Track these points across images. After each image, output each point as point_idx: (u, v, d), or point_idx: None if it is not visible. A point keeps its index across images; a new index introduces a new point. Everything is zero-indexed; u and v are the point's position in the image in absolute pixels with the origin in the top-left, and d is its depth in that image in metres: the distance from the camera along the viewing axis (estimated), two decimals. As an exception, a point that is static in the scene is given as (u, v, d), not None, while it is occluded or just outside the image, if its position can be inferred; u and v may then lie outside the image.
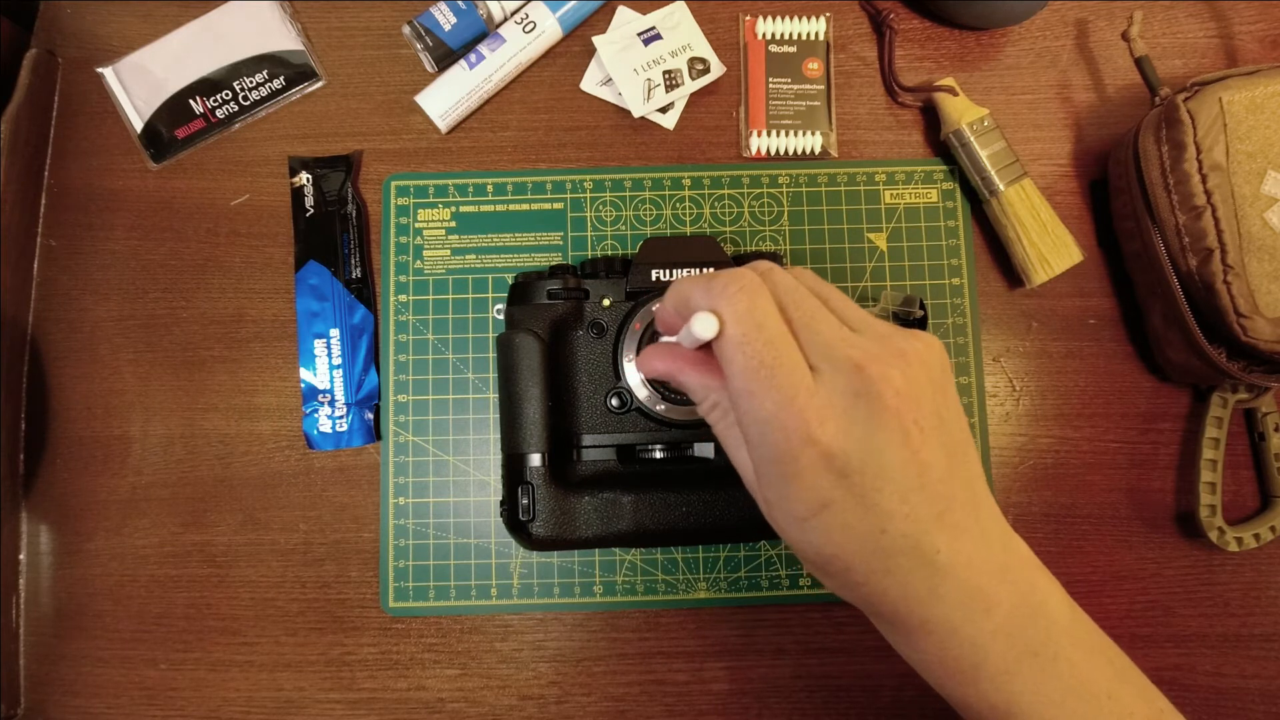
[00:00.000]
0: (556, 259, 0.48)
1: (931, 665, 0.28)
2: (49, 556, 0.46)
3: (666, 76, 0.48)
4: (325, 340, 0.47)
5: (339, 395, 0.46)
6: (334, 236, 0.47)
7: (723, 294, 0.25)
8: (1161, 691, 0.30)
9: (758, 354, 0.24)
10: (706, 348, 0.27)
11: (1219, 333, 0.42)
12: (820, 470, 0.24)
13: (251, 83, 0.49)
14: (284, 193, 0.49)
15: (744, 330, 0.25)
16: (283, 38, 0.50)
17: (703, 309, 0.26)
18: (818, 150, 0.49)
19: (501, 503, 0.42)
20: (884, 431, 0.24)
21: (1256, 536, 0.45)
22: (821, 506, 0.25)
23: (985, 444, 0.47)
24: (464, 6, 0.47)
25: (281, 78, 0.49)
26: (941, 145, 0.48)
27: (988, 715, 0.27)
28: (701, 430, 0.42)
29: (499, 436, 0.45)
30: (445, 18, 0.47)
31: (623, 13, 0.50)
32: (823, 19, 0.50)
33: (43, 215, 0.49)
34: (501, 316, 0.47)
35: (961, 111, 0.47)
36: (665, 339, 0.31)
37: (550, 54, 0.50)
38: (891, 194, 0.49)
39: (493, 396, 0.47)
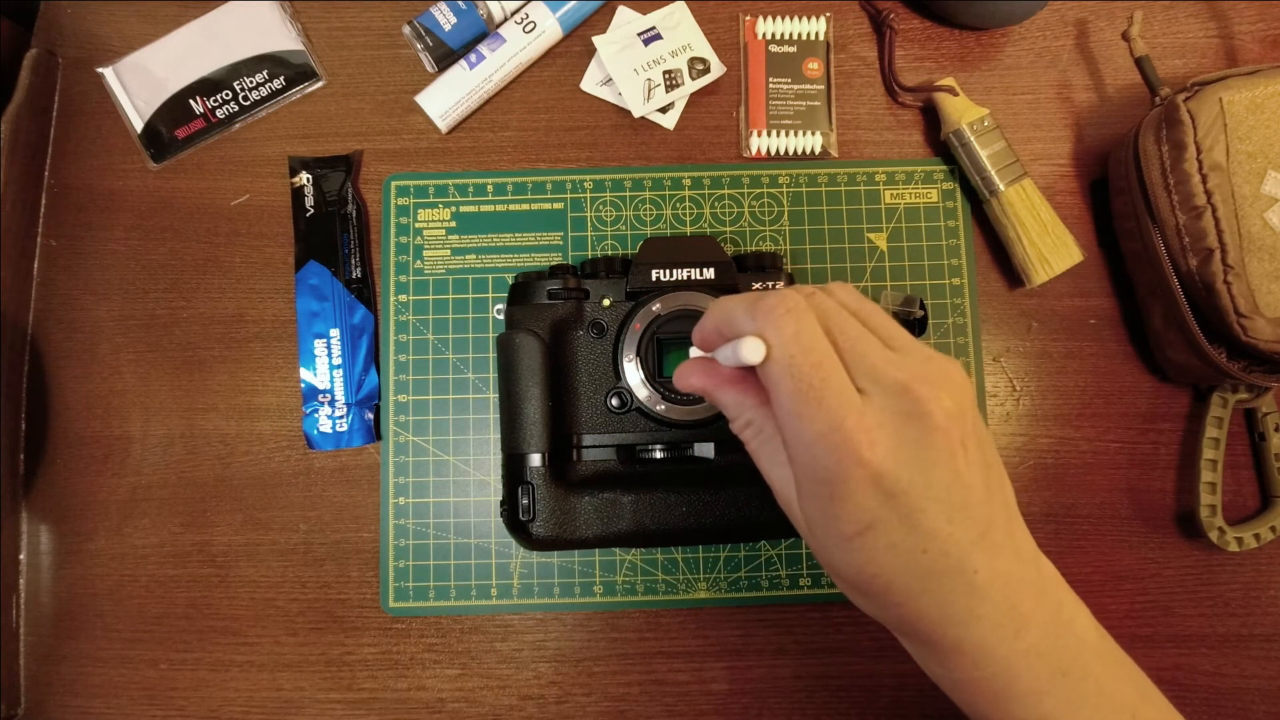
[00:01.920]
0: (556, 259, 0.48)
1: (963, 685, 0.28)
2: (49, 556, 0.46)
3: (666, 76, 0.48)
4: (325, 340, 0.47)
5: (339, 395, 0.46)
6: (334, 236, 0.47)
7: (768, 317, 0.25)
8: (1161, 692, 0.31)
9: (806, 377, 0.24)
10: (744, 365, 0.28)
11: (1219, 333, 0.42)
12: (869, 490, 0.24)
13: (251, 83, 0.49)
14: (284, 193, 0.49)
15: (791, 354, 0.25)
16: (283, 38, 0.50)
17: (748, 331, 0.26)
18: (818, 150, 0.49)
19: (502, 503, 0.42)
20: (933, 452, 0.25)
21: (1257, 536, 0.45)
22: (867, 526, 0.25)
23: (985, 444, 0.47)
24: (464, 6, 0.47)
25: (281, 78, 0.49)
26: (942, 145, 0.48)
27: None
28: (701, 430, 0.42)
29: (499, 436, 0.45)
30: (445, 18, 0.47)
31: (623, 13, 0.50)
32: (823, 19, 0.50)
33: (43, 215, 0.49)
34: (501, 316, 0.47)
35: (962, 111, 0.47)
36: (696, 353, 0.31)
37: (550, 54, 0.50)
38: (891, 194, 0.49)
39: (493, 396, 0.47)
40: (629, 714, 0.45)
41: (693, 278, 0.42)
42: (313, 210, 0.48)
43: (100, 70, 0.49)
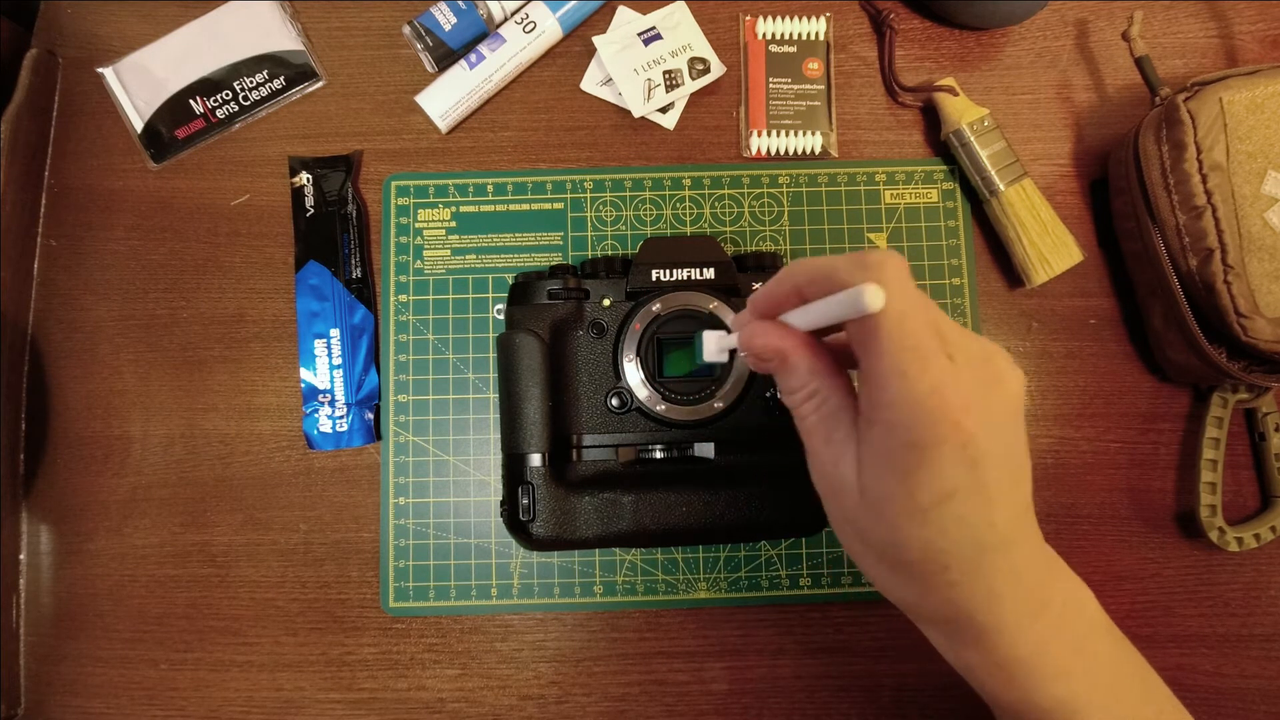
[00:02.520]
0: (557, 259, 0.48)
1: (989, 669, 0.28)
2: (49, 556, 0.46)
3: (666, 76, 0.48)
4: (325, 340, 0.47)
5: (339, 395, 0.46)
6: (334, 236, 0.47)
7: (881, 270, 0.24)
8: None
9: (916, 334, 0.24)
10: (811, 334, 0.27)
11: (1219, 333, 0.42)
12: (956, 458, 0.24)
13: (252, 83, 0.49)
14: (284, 193, 0.49)
15: (903, 310, 0.24)
16: (283, 38, 0.50)
17: (856, 283, 0.24)
18: (818, 150, 0.49)
19: (502, 503, 0.42)
20: (1010, 423, 0.26)
21: (1257, 536, 0.45)
22: (947, 496, 0.25)
23: (985, 444, 0.47)
24: (464, 6, 0.47)
25: (281, 78, 0.49)
26: (942, 145, 0.48)
27: (1036, 717, 0.28)
28: (701, 430, 0.42)
29: (499, 436, 0.45)
30: (445, 18, 0.47)
31: (623, 13, 0.50)
32: (823, 19, 0.50)
33: (43, 215, 0.49)
34: (501, 316, 0.47)
35: (962, 111, 0.47)
36: (714, 336, 0.30)
37: (550, 54, 0.50)
38: (892, 194, 0.49)
39: (493, 396, 0.47)
40: (629, 714, 0.45)
41: (693, 278, 0.42)
42: (313, 210, 0.48)
43: (100, 70, 0.49)
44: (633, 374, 0.41)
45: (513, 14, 0.49)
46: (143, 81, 0.49)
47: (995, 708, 0.30)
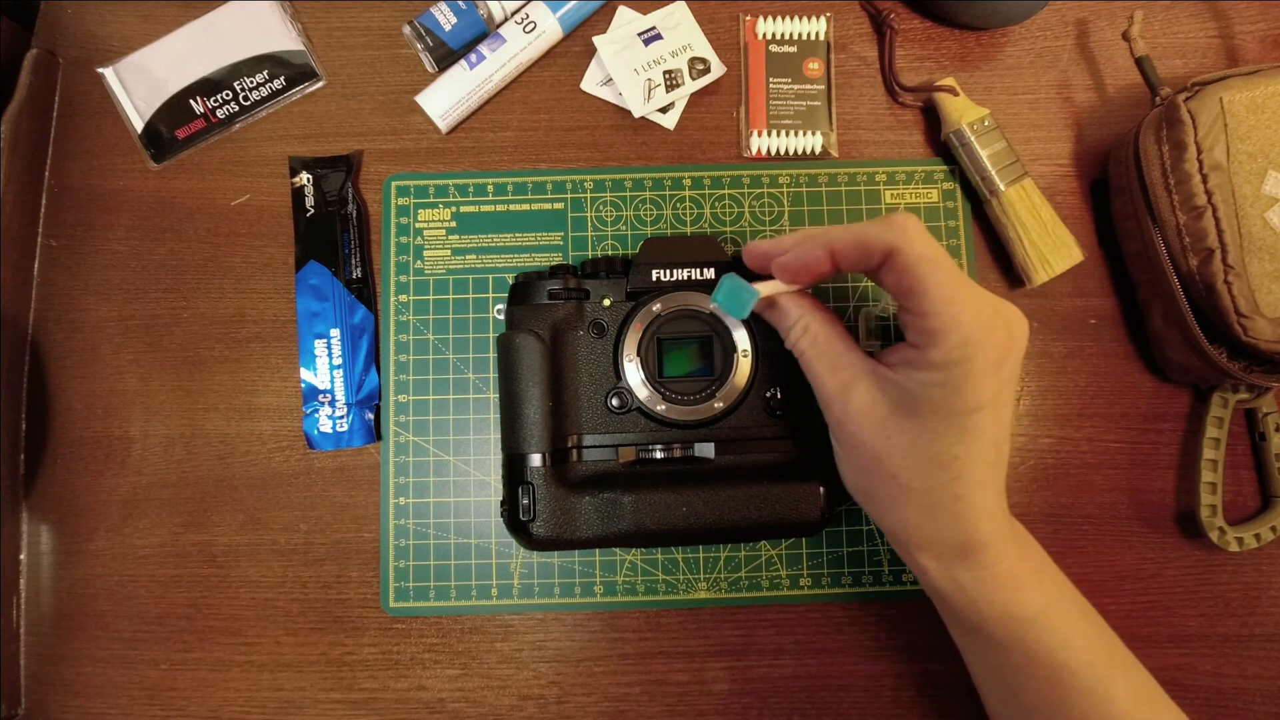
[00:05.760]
0: (557, 259, 0.48)
1: (978, 584, 0.33)
2: (49, 556, 0.46)
3: (667, 76, 0.48)
4: (326, 340, 0.47)
5: (339, 395, 0.46)
6: (334, 236, 0.47)
7: (905, 225, 0.31)
8: (1162, 690, 0.35)
9: (952, 269, 0.30)
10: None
11: (1219, 333, 0.42)
12: (992, 374, 0.30)
13: (252, 83, 0.49)
14: (284, 193, 0.49)
15: (940, 253, 0.31)
16: (283, 38, 0.50)
17: (889, 241, 0.31)
18: (818, 150, 0.49)
19: (502, 503, 0.42)
20: (1019, 362, 0.31)
21: (1257, 537, 0.45)
22: (978, 407, 0.30)
23: (985, 444, 0.47)
24: (464, 6, 0.47)
25: (282, 78, 0.49)
26: (942, 145, 0.48)
27: (1015, 628, 0.33)
28: (701, 430, 0.42)
29: (499, 436, 0.45)
30: (445, 18, 0.47)
31: (623, 13, 0.50)
32: (823, 19, 0.50)
33: (43, 215, 0.49)
34: (502, 316, 0.47)
35: (962, 111, 0.47)
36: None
37: (550, 54, 0.50)
38: (892, 194, 0.49)
39: (493, 396, 0.47)
40: (629, 714, 0.45)
41: (693, 278, 0.42)
42: (313, 210, 0.48)
43: (100, 70, 0.49)
44: (633, 374, 0.41)
45: (513, 14, 0.49)
46: (143, 81, 0.49)
47: (979, 626, 0.34)
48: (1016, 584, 0.33)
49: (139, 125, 0.49)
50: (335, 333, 0.47)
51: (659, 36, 0.49)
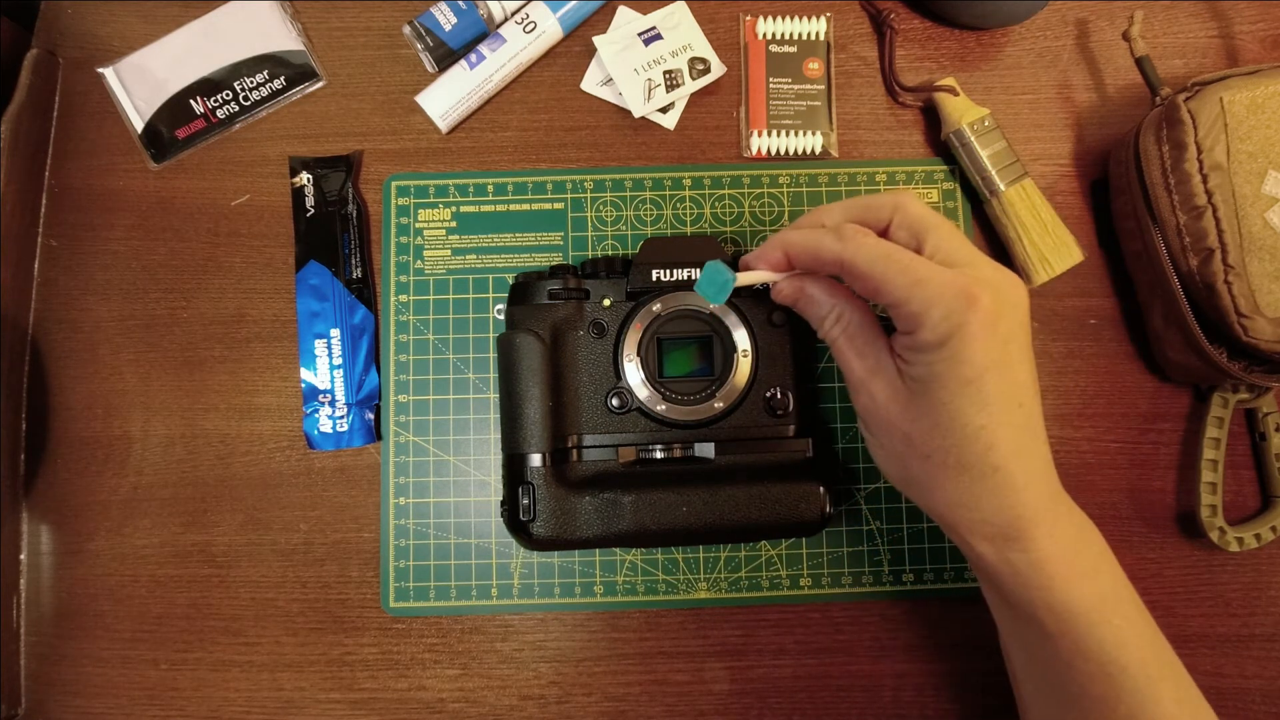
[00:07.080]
0: (557, 259, 0.48)
1: (1031, 567, 0.32)
2: (49, 556, 0.46)
3: (667, 76, 0.48)
4: (326, 340, 0.47)
5: (339, 395, 0.46)
6: (334, 236, 0.47)
7: (856, 234, 0.32)
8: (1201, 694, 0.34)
9: (906, 255, 0.32)
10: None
11: (1220, 333, 0.42)
12: (989, 332, 0.30)
13: (252, 83, 0.49)
14: (284, 193, 0.49)
15: (889, 248, 0.32)
16: (283, 38, 0.50)
17: (832, 251, 0.32)
18: (818, 150, 0.49)
19: (502, 503, 0.42)
20: (1026, 322, 0.33)
21: (1257, 537, 0.45)
22: (990, 365, 0.30)
23: (986, 444, 0.47)
24: (464, 6, 0.47)
25: (282, 78, 0.49)
26: (942, 145, 0.48)
27: (1068, 618, 0.32)
28: (701, 430, 0.42)
29: (499, 436, 0.45)
30: (445, 18, 0.47)
31: (623, 13, 0.50)
32: (823, 19, 0.50)
33: (43, 215, 0.49)
34: (502, 316, 0.47)
35: (962, 111, 0.47)
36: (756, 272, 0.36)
37: (550, 54, 0.50)
38: (892, 194, 0.49)
39: (493, 396, 0.47)
40: (629, 714, 0.45)
41: (693, 278, 0.42)
42: (313, 210, 0.48)
43: (100, 70, 0.49)
44: (633, 374, 0.41)
45: (513, 14, 0.49)
46: (143, 81, 0.49)
47: (1031, 615, 0.33)
48: (1073, 573, 0.32)
49: (139, 125, 0.49)
50: (335, 333, 0.47)
51: (659, 36, 0.49)
